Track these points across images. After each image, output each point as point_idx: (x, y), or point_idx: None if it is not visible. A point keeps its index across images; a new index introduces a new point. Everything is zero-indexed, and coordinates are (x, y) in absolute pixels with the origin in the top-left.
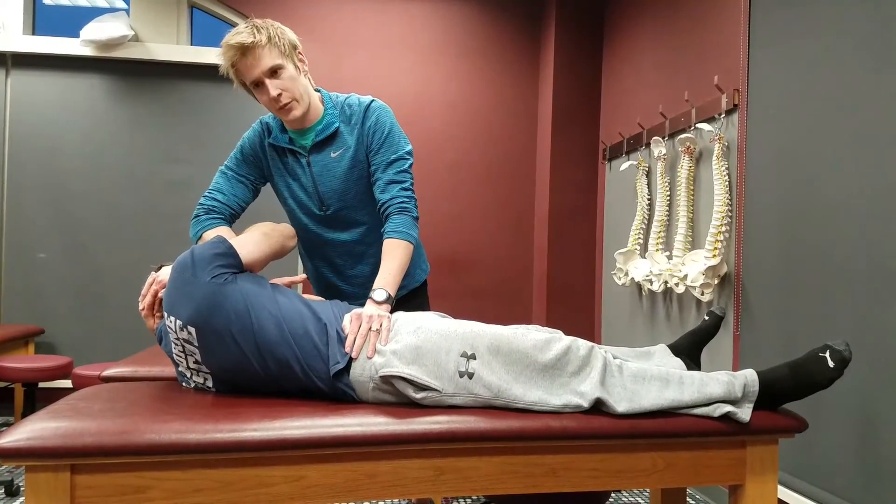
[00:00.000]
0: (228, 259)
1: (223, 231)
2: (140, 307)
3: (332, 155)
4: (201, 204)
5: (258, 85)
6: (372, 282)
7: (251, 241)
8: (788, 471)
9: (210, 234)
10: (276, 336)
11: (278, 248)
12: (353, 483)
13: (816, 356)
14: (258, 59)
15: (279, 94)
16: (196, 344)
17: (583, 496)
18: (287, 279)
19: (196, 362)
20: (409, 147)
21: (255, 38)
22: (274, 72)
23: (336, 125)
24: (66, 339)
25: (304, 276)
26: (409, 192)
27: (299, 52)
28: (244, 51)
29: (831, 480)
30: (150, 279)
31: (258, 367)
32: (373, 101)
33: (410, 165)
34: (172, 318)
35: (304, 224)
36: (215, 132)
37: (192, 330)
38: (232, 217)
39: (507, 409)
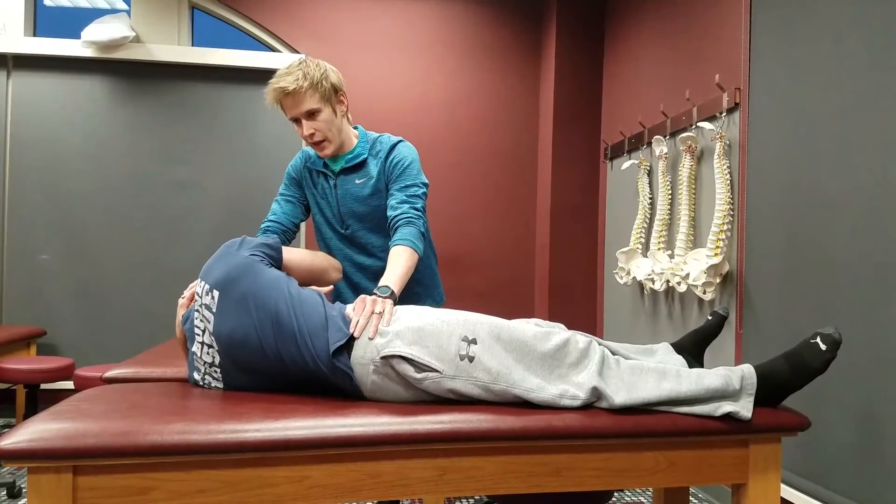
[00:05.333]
0: (272, 251)
1: None
2: (182, 296)
3: (357, 182)
4: (260, 228)
5: (297, 121)
6: None
7: (296, 251)
8: (791, 469)
9: None
10: (286, 312)
11: (319, 269)
12: (357, 483)
13: (808, 343)
14: (298, 102)
15: (312, 134)
16: (214, 310)
17: (586, 495)
18: (315, 289)
19: (209, 335)
20: (425, 180)
21: (298, 84)
22: (311, 114)
23: (364, 156)
24: (68, 341)
25: (331, 287)
26: (418, 212)
27: (340, 95)
28: (287, 94)
29: (834, 479)
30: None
31: (263, 342)
32: (401, 140)
33: (423, 194)
34: (202, 283)
35: (329, 238)
36: (216, 133)
37: (216, 294)
38: (284, 233)
39: (504, 393)
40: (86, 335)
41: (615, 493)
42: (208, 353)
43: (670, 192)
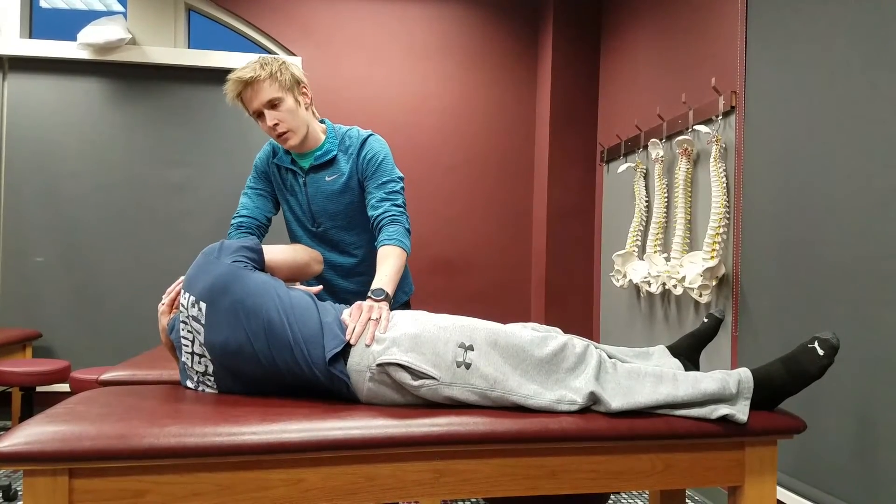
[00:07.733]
0: (253, 253)
1: None
2: (162, 302)
3: (327, 179)
4: (231, 224)
5: (259, 115)
6: (357, 297)
7: (277, 248)
8: (787, 472)
9: None
10: (278, 319)
11: (303, 263)
12: (353, 486)
13: (806, 347)
14: (258, 92)
15: (276, 124)
16: (203, 322)
17: (582, 498)
18: (303, 288)
19: (200, 345)
20: (400, 174)
21: (256, 73)
22: (273, 104)
23: (334, 153)
24: (64, 343)
25: (321, 286)
26: (400, 208)
27: (303, 87)
28: (246, 84)
29: (830, 481)
30: (180, 279)
31: (257, 351)
32: (371, 134)
33: (401, 189)
34: (187, 295)
35: (300, 236)
36: (212, 135)
37: (203, 306)
38: (259, 229)
39: (501, 400)
40: (82, 337)
41: (611, 496)
42: (200, 363)
43: (666, 195)
